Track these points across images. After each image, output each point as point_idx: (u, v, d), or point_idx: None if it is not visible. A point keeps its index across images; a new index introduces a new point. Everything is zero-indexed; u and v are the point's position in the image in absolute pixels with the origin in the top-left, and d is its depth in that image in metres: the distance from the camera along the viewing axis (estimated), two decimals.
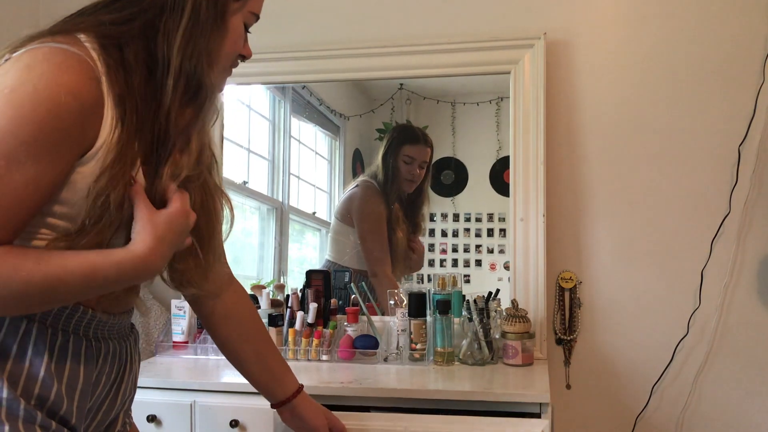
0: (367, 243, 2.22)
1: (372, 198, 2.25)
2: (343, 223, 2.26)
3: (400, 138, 2.23)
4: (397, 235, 2.20)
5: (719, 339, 1.94)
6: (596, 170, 2.02)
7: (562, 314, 2.01)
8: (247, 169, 2.33)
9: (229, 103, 2.22)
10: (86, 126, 0.84)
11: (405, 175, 2.21)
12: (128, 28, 0.91)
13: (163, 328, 2.03)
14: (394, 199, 2.22)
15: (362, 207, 2.27)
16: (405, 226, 2.21)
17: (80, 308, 0.92)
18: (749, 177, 1.92)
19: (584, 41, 2.03)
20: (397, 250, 2.20)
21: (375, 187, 2.23)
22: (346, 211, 2.26)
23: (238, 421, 1.58)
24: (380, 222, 2.21)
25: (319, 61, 2.13)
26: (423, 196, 2.22)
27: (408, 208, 2.22)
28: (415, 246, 2.21)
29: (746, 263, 1.93)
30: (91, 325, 0.95)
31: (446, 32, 2.08)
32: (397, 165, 2.21)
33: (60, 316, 0.91)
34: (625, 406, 1.98)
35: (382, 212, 2.22)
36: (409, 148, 2.21)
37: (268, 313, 1.92)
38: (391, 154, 2.21)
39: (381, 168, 2.22)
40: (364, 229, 2.24)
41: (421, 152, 2.21)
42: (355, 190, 2.27)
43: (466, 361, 1.84)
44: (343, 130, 2.33)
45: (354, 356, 1.87)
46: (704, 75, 1.96)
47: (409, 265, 2.22)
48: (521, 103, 2.01)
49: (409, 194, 2.22)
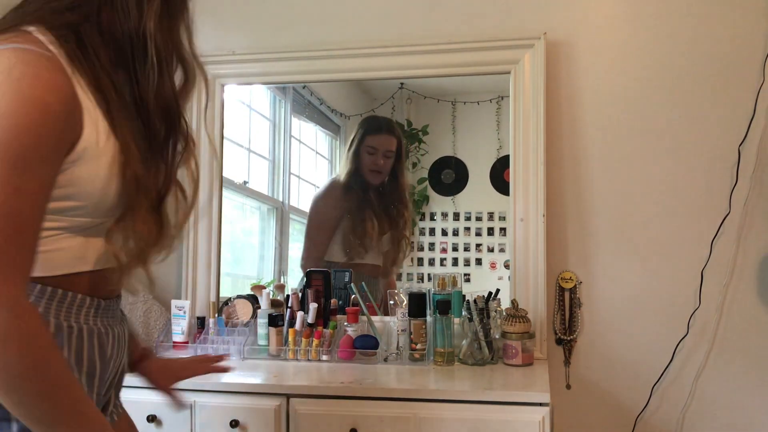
0: (308, 240, 2.24)
1: (327, 196, 2.26)
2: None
3: (363, 129, 2.22)
4: (367, 227, 2.18)
5: (719, 339, 1.94)
6: (596, 170, 2.02)
7: (562, 314, 2.01)
8: (247, 169, 2.33)
9: (230, 103, 2.22)
10: (72, 121, 0.85)
11: (369, 166, 2.19)
12: (80, 11, 0.91)
13: (163, 328, 2.03)
14: (359, 192, 2.20)
15: (314, 205, 2.29)
16: (381, 218, 2.20)
17: (78, 295, 0.94)
18: (749, 177, 1.92)
19: (584, 41, 2.03)
20: (366, 242, 2.18)
21: (337, 184, 2.23)
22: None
23: (238, 421, 1.58)
24: (328, 221, 2.21)
25: (319, 61, 2.13)
26: (399, 188, 2.20)
27: (382, 199, 2.21)
28: (398, 237, 2.19)
29: (746, 263, 1.93)
30: (98, 313, 0.97)
31: (446, 32, 2.08)
32: (361, 156, 2.20)
33: (71, 309, 0.93)
34: (625, 406, 1.98)
35: (335, 210, 2.21)
36: (371, 139, 2.20)
37: (268, 313, 1.93)
38: (354, 146, 2.21)
39: (347, 161, 2.22)
40: (309, 227, 2.26)
41: (384, 142, 2.20)
42: (319, 188, 2.30)
43: (466, 361, 1.85)
44: (344, 130, 2.33)
45: (354, 356, 1.87)
46: (704, 75, 1.96)
47: (393, 257, 2.20)
48: (521, 103, 2.01)
49: (382, 185, 2.21)
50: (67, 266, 0.92)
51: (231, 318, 2.01)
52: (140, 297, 2.06)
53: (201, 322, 2.01)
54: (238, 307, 2.03)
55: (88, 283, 0.96)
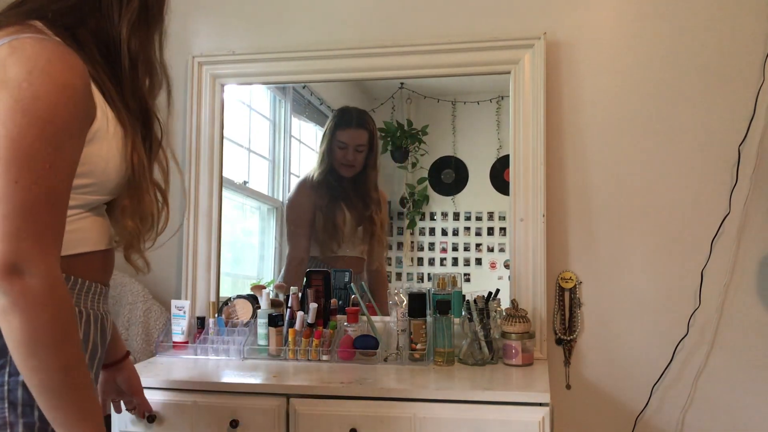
0: (290, 239, 2.26)
1: (298, 195, 2.28)
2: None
3: (334, 123, 2.23)
4: (337, 221, 2.19)
5: (719, 339, 1.94)
6: (596, 170, 2.02)
7: (562, 314, 2.01)
8: (247, 169, 2.33)
9: (230, 103, 2.22)
10: (92, 102, 0.94)
11: (341, 160, 2.19)
12: (74, 12, 1.00)
13: (163, 328, 2.03)
14: (331, 187, 2.20)
15: (288, 208, 2.29)
16: (355, 209, 2.20)
17: (86, 282, 1.02)
18: (749, 177, 1.92)
19: (584, 41, 2.03)
20: (338, 236, 2.19)
21: (308, 182, 2.24)
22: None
23: (238, 421, 1.58)
24: (304, 220, 2.22)
25: (319, 61, 2.13)
26: (369, 182, 2.20)
27: (356, 191, 2.21)
28: (374, 228, 2.20)
29: (746, 263, 1.93)
30: (101, 299, 1.06)
31: (446, 32, 2.08)
32: (333, 151, 2.20)
33: (80, 295, 1.00)
34: (625, 406, 1.98)
35: (308, 207, 2.22)
36: (341, 133, 2.21)
37: (268, 313, 1.93)
38: (326, 142, 2.22)
39: (319, 157, 2.23)
40: (288, 231, 2.27)
41: (355, 136, 2.19)
42: (290, 191, 2.31)
43: (466, 361, 1.85)
44: None
45: (354, 356, 1.87)
46: (704, 75, 1.96)
47: (370, 243, 2.21)
48: (521, 103, 2.01)
49: (354, 178, 2.21)
50: (80, 245, 0.99)
51: (231, 318, 2.01)
52: (140, 297, 2.06)
53: (201, 322, 2.01)
54: (238, 307, 2.03)
55: (94, 267, 1.03)
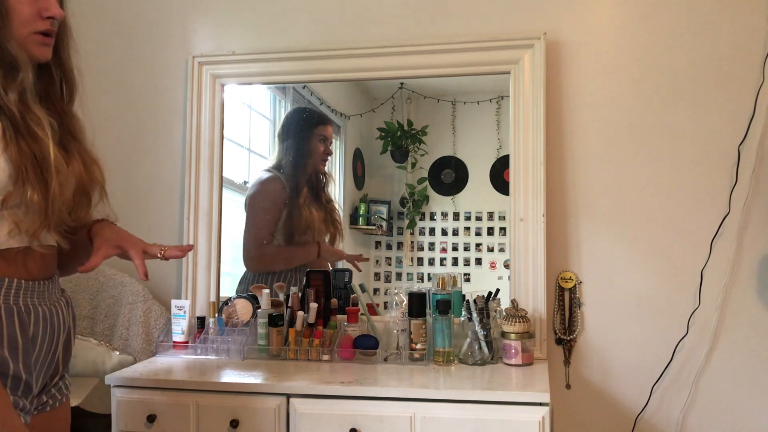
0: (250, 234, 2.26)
1: (267, 192, 2.28)
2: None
3: (311, 120, 2.29)
4: (303, 214, 2.21)
5: (719, 339, 1.95)
6: (596, 170, 2.02)
7: (562, 314, 2.01)
8: (247, 169, 2.33)
9: (230, 103, 2.22)
10: None
11: (321, 155, 2.26)
12: None
13: (163, 328, 2.03)
14: (303, 181, 2.24)
15: (253, 203, 2.29)
16: (318, 202, 2.25)
17: (5, 279, 1.08)
18: (749, 177, 1.92)
19: (584, 41, 2.03)
20: (313, 225, 2.23)
21: (275, 178, 2.25)
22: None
23: (238, 421, 1.59)
24: (273, 213, 2.24)
25: (319, 61, 2.13)
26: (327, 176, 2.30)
27: (315, 184, 2.26)
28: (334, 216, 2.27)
29: (746, 263, 1.93)
30: (20, 293, 1.10)
31: (446, 32, 2.08)
32: (311, 146, 2.26)
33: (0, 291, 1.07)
34: (625, 406, 1.98)
35: (279, 202, 2.23)
36: (323, 128, 2.27)
37: (268, 313, 1.93)
38: (307, 137, 2.27)
39: (294, 152, 2.26)
40: (251, 228, 2.27)
41: (330, 131, 2.29)
42: (252, 188, 2.30)
43: (466, 361, 1.85)
44: (344, 130, 2.33)
45: (354, 356, 1.87)
46: (704, 75, 1.96)
47: (336, 228, 2.26)
48: (521, 103, 2.01)
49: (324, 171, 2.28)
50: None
51: (231, 318, 2.01)
52: (140, 297, 2.06)
53: (201, 322, 2.01)
54: (238, 307, 2.03)
55: (7, 265, 1.09)
